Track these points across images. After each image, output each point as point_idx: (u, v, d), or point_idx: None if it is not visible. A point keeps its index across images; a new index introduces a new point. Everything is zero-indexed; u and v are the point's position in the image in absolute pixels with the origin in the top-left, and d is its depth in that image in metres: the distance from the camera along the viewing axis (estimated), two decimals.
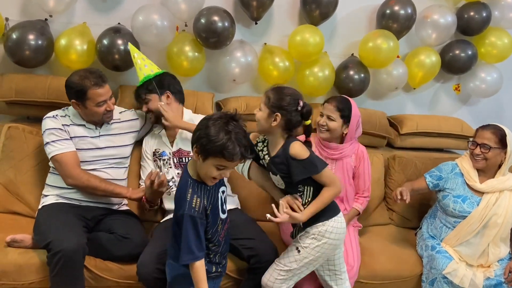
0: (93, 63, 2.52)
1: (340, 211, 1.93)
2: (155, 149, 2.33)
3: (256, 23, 2.71)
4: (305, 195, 1.87)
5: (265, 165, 1.93)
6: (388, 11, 2.80)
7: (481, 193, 2.32)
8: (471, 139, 2.38)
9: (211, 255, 1.75)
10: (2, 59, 2.53)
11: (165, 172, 2.27)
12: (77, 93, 2.06)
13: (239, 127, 1.62)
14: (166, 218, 2.27)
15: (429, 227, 2.48)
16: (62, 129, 2.11)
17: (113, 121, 2.25)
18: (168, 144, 2.31)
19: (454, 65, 2.99)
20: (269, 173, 1.92)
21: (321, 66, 2.77)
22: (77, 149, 2.13)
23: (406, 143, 2.97)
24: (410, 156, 2.85)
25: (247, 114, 2.53)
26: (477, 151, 2.30)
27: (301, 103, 1.78)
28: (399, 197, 2.29)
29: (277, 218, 1.78)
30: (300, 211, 1.82)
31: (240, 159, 1.62)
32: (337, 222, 1.88)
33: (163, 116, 2.20)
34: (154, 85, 2.22)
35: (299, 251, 1.88)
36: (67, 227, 1.92)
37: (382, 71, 2.89)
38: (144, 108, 2.31)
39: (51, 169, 2.18)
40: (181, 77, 2.65)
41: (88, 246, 1.89)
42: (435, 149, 3.05)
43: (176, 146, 2.29)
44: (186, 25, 2.61)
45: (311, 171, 1.79)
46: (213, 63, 2.79)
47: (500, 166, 2.33)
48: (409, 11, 2.78)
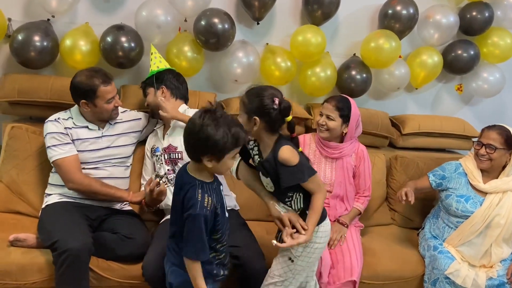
0: (97, 63, 2.53)
1: (326, 213, 1.89)
2: (152, 146, 2.36)
3: (258, 23, 2.71)
4: (295, 202, 1.81)
5: (254, 165, 1.88)
6: (390, 11, 2.80)
7: (484, 193, 2.32)
8: (476, 139, 2.38)
9: (221, 256, 1.72)
10: (7, 60, 2.54)
11: (158, 168, 2.30)
12: (86, 93, 2.09)
13: (220, 111, 1.58)
14: (166, 218, 2.26)
15: (432, 227, 2.48)
16: (64, 132, 2.12)
17: (115, 121, 2.27)
18: (161, 140, 2.32)
19: (456, 65, 2.99)
20: (259, 173, 1.85)
21: (323, 66, 2.77)
22: (80, 151, 2.14)
23: (408, 143, 2.97)
24: (412, 156, 2.84)
25: None
26: (482, 151, 2.30)
27: (276, 101, 1.68)
28: (404, 198, 2.29)
29: (284, 244, 1.72)
30: (303, 230, 1.75)
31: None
32: (326, 225, 1.85)
33: (161, 107, 2.22)
34: (152, 79, 2.30)
35: (292, 261, 1.83)
36: (73, 226, 1.93)
37: (384, 71, 2.89)
38: (146, 103, 2.36)
39: (53, 168, 2.19)
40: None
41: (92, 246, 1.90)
42: (437, 149, 3.05)
43: (166, 142, 2.28)
44: (185, 20, 2.59)
45: (299, 178, 1.72)
46: (215, 63, 2.80)
47: (504, 167, 2.33)
48: (411, 11, 2.78)
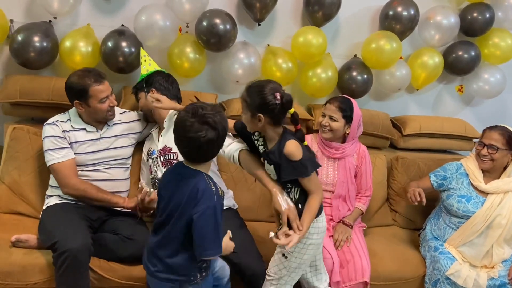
0: (97, 65, 2.53)
1: (323, 211, 1.88)
2: (148, 149, 2.34)
3: (259, 24, 2.71)
4: (292, 193, 1.82)
5: (259, 153, 1.87)
6: (391, 12, 2.80)
7: (485, 193, 2.32)
8: (477, 140, 2.37)
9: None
10: (7, 60, 2.55)
11: (154, 172, 2.27)
12: (78, 92, 2.08)
13: (200, 106, 1.59)
14: None
15: (433, 228, 2.48)
16: (61, 136, 2.12)
17: (113, 122, 2.26)
18: (156, 141, 2.29)
19: (457, 66, 2.98)
20: (264, 161, 1.85)
21: (324, 67, 2.77)
22: (78, 153, 2.14)
23: (409, 144, 2.97)
24: (413, 157, 2.84)
25: None
26: (484, 151, 2.30)
27: (277, 95, 1.68)
28: (417, 199, 2.28)
29: (278, 241, 1.71)
30: (298, 229, 1.74)
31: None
32: (319, 222, 1.85)
33: (156, 102, 2.13)
34: (142, 83, 2.27)
35: (286, 257, 1.84)
36: (73, 227, 1.93)
37: (385, 72, 2.89)
38: (139, 108, 2.34)
39: None
40: (183, 78, 2.68)
41: (93, 247, 1.89)
42: (438, 150, 3.05)
43: (161, 144, 2.25)
44: (187, 26, 2.62)
45: (300, 172, 1.73)
46: (216, 64, 2.80)
47: (505, 167, 2.33)
48: (412, 12, 2.78)
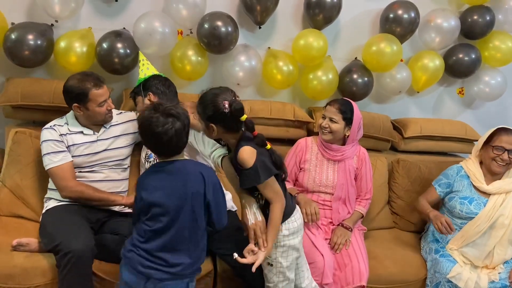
0: (92, 66, 2.53)
1: (295, 209, 1.85)
2: (146, 153, 2.33)
3: (260, 27, 2.72)
4: (259, 199, 1.80)
5: None
6: (391, 15, 2.80)
7: (487, 194, 2.33)
8: (476, 142, 2.37)
9: None
10: (5, 62, 2.51)
11: None
12: (78, 96, 2.08)
13: (158, 103, 1.65)
14: None
15: (435, 230, 2.47)
16: (59, 139, 2.11)
17: (110, 124, 2.26)
18: None
19: (458, 68, 2.99)
20: None
21: (324, 70, 2.78)
22: (76, 156, 2.14)
23: (410, 146, 2.97)
24: (414, 159, 2.84)
25: (251, 117, 2.52)
26: (505, 157, 2.28)
27: (226, 104, 1.65)
28: (453, 229, 2.22)
29: (244, 259, 1.70)
30: (263, 245, 1.73)
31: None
32: (291, 223, 1.82)
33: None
34: (139, 88, 2.26)
35: (271, 265, 1.84)
36: (74, 228, 1.93)
37: (386, 74, 2.90)
38: (137, 112, 2.33)
39: None
40: (185, 81, 2.68)
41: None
42: (439, 152, 3.05)
43: None
44: (191, 32, 2.63)
45: (253, 180, 1.70)
46: (217, 67, 2.80)
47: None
48: (412, 15, 2.79)
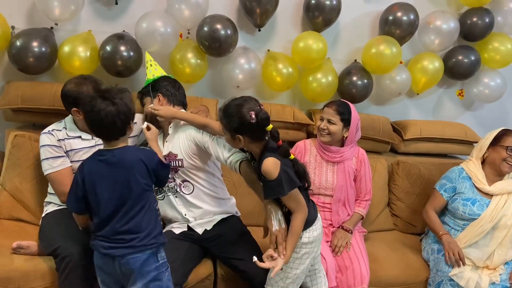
0: (96, 69, 2.54)
1: (317, 217, 1.86)
2: None
3: (260, 30, 2.73)
4: (284, 207, 1.79)
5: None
6: (391, 17, 2.81)
7: (489, 195, 2.33)
8: (476, 143, 2.36)
9: None
10: (7, 66, 2.55)
11: None
12: (76, 100, 2.05)
13: (104, 88, 1.73)
14: (168, 229, 2.18)
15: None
16: (57, 145, 2.09)
17: None
18: (161, 148, 2.21)
19: (457, 70, 3.00)
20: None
21: (324, 72, 2.78)
22: (74, 161, 2.12)
23: (410, 148, 2.97)
24: (414, 161, 2.84)
25: None
26: None
27: (252, 114, 1.66)
28: (464, 263, 2.22)
29: (262, 264, 1.71)
30: (283, 252, 1.73)
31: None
32: (313, 231, 1.82)
33: (156, 114, 2.12)
34: (148, 88, 2.22)
35: (282, 269, 1.80)
36: (73, 232, 1.92)
37: (385, 76, 2.90)
38: (144, 113, 2.30)
39: None
40: (184, 83, 2.68)
41: None
42: (439, 154, 3.05)
43: (166, 150, 2.17)
44: (189, 33, 2.63)
45: (277, 192, 1.70)
46: (217, 69, 2.81)
47: None
48: (412, 17, 2.79)
